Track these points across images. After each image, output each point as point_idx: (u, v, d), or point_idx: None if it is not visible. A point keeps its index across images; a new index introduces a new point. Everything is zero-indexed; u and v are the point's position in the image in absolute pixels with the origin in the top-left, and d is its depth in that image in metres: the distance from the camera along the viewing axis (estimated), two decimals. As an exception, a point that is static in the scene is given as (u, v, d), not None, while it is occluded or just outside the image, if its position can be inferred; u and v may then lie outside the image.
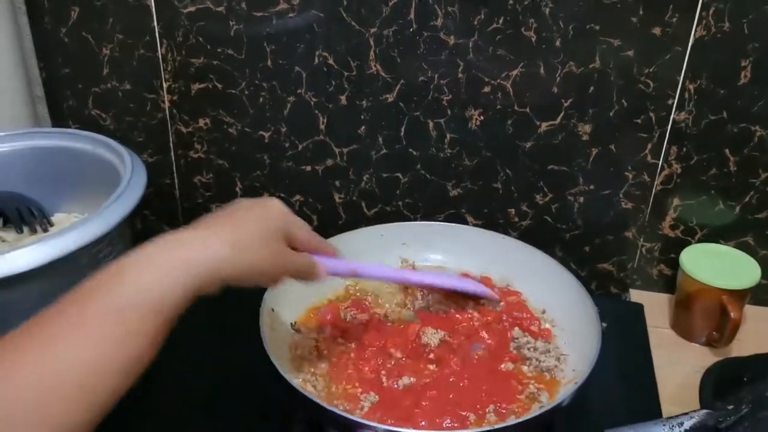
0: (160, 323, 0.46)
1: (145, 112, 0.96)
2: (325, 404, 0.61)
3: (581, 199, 0.90)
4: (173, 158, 0.98)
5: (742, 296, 0.82)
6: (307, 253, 0.61)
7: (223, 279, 0.51)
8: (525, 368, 0.71)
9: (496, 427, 0.59)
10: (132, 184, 0.71)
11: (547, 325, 0.78)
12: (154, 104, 0.95)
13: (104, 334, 0.43)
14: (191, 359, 0.82)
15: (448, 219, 0.94)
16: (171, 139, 0.97)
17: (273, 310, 0.72)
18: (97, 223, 0.65)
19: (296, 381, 0.65)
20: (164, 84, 0.93)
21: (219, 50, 0.90)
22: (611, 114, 0.84)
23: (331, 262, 0.64)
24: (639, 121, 0.84)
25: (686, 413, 0.65)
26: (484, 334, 0.74)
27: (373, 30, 0.84)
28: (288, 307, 0.75)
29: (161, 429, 0.73)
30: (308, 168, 0.95)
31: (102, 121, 0.98)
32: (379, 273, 0.73)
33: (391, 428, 0.57)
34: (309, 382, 0.68)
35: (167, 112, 0.95)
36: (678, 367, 0.82)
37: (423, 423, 0.63)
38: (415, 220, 0.95)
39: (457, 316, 0.77)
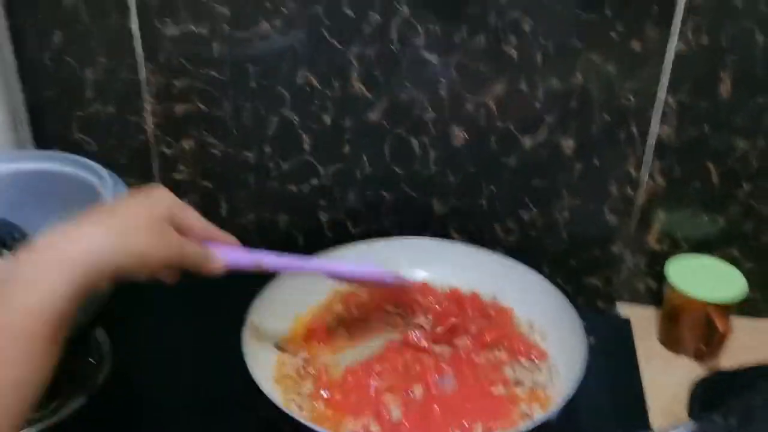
0: (46, 335, 0.44)
1: (128, 135, 0.95)
2: (312, 425, 0.60)
3: (566, 214, 0.90)
4: (157, 181, 0.98)
5: (728, 309, 0.82)
6: (200, 242, 0.57)
7: (109, 271, 0.48)
8: (518, 390, 0.71)
9: (483, 443, 0.59)
10: (113, 205, 0.70)
11: (539, 341, 0.77)
12: (137, 127, 0.95)
13: None
14: (174, 377, 0.81)
15: (434, 237, 0.93)
16: (155, 161, 0.97)
17: (258, 327, 0.72)
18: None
19: (281, 401, 0.64)
20: (147, 106, 0.93)
21: (202, 71, 0.90)
22: (594, 128, 0.85)
23: (231, 253, 0.60)
24: (621, 135, 0.84)
25: (675, 426, 0.65)
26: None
27: (355, 49, 0.85)
28: (274, 321, 0.75)
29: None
30: (293, 188, 0.95)
31: (86, 145, 0.97)
32: (286, 263, 0.68)
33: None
34: (294, 402, 0.67)
35: (151, 134, 0.95)
36: (666, 379, 0.81)
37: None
38: (401, 237, 0.94)
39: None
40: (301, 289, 0.79)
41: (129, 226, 0.51)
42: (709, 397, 0.68)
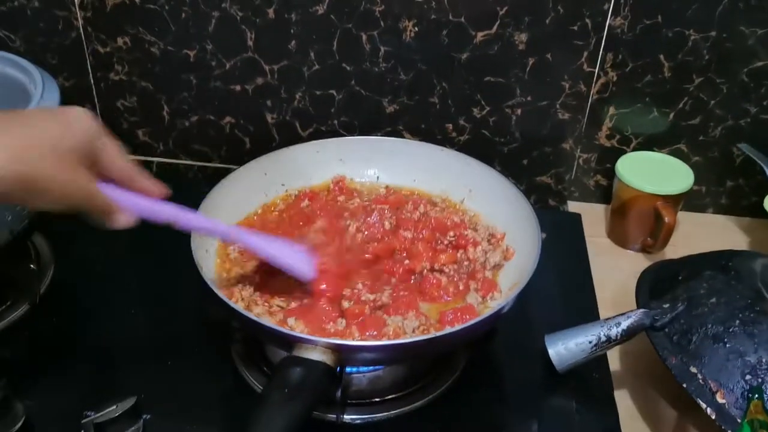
0: None
1: (57, 32, 0.89)
2: (264, 321, 0.59)
3: (519, 111, 0.89)
4: (92, 81, 0.92)
5: (675, 201, 0.83)
6: (106, 190, 0.49)
7: None
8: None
9: (439, 334, 0.59)
10: (43, 103, 0.66)
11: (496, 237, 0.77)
12: (67, 22, 0.88)
13: None
14: (125, 290, 0.79)
15: (386, 136, 0.91)
16: (88, 60, 0.91)
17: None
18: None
19: (232, 299, 0.63)
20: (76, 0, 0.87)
21: (134, -39, 0.83)
22: (547, 21, 0.82)
23: (147, 205, 0.52)
24: (575, 28, 0.83)
25: (623, 314, 0.66)
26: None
27: (299, -65, 0.80)
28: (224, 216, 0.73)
29: (99, 359, 0.71)
30: (237, 87, 0.91)
31: (11, 43, 0.91)
32: (202, 225, 0.61)
33: (331, 340, 0.56)
34: (245, 300, 0.66)
35: (81, 30, 0.89)
36: (615, 273, 0.83)
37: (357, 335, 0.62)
38: (351, 138, 0.92)
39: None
40: (248, 189, 0.77)
41: (31, 148, 0.43)
42: (655, 285, 0.70)
